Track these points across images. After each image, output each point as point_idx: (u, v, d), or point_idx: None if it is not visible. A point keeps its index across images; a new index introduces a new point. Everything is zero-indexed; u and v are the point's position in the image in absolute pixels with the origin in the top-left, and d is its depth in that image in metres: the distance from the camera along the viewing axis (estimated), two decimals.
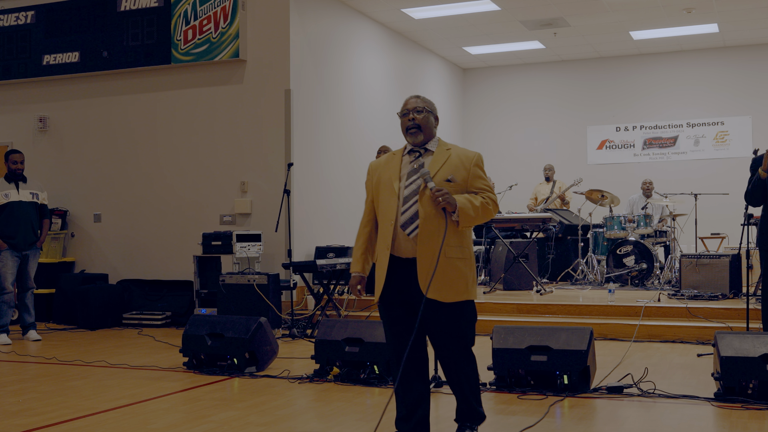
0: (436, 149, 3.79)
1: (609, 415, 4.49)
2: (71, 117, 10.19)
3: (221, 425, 4.32)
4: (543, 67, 14.13)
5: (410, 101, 3.84)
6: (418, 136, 3.77)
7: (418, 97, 3.86)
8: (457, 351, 3.75)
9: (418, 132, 3.77)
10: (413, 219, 3.66)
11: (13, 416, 4.59)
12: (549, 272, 10.68)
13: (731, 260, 8.37)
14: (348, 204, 10.03)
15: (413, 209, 3.66)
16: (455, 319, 3.71)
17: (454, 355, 3.76)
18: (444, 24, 11.55)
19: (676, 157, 13.32)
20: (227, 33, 9.19)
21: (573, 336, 5.02)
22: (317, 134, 9.72)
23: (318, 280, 8.05)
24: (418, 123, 3.76)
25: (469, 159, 3.75)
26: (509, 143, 14.16)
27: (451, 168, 3.71)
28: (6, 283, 7.65)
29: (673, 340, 7.13)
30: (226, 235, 8.62)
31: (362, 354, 5.41)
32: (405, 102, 3.86)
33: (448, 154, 3.76)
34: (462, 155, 3.77)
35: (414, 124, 3.77)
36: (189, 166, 9.57)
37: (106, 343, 7.62)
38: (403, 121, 3.82)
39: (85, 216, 10.05)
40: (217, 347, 5.91)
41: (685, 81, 13.32)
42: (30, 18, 10.20)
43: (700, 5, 10.73)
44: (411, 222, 3.66)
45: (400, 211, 3.69)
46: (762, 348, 4.63)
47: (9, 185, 7.85)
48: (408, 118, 3.79)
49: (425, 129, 3.78)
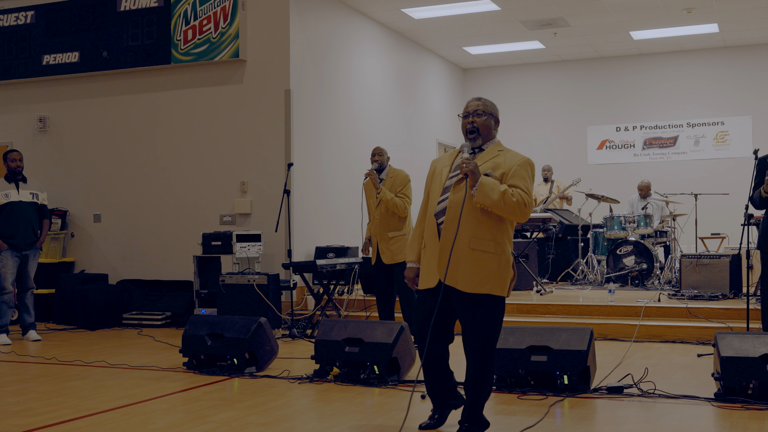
0: (488, 149, 3.86)
1: (609, 415, 4.48)
2: (71, 117, 10.18)
3: (221, 425, 4.32)
4: (543, 67, 14.13)
5: (471, 104, 3.89)
6: (477, 141, 3.85)
7: (479, 100, 3.90)
8: (475, 345, 3.76)
9: (477, 136, 3.84)
10: (445, 210, 3.74)
11: (13, 416, 4.58)
12: (549, 272, 10.67)
13: (731, 260, 8.37)
14: (348, 204, 10.03)
15: (446, 201, 3.74)
16: (473, 310, 3.72)
17: (472, 349, 3.79)
18: (444, 24, 11.55)
19: (677, 157, 13.32)
20: (227, 33, 9.19)
21: (573, 336, 5.02)
22: (317, 134, 9.72)
23: (318, 281, 8.04)
24: (477, 126, 3.83)
25: (514, 159, 3.78)
26: (509, 143, 13.85)
27: (494, 165, 3.75)
28: (6, 283, 7.65)
29: (674, 341, 7.12)
30: (226, 235, 8.62)
31: (362, 354, 5.40)
32: (466, 104, 3.92)
33: (499, 154, 3.83)
34: (510, 156, 3.80)
35: (473, 127, 3.83)
36: (189, 166, 9.57)
37: (106, 343, 7.61)
38: (463, 123, 3.89)
39: (85, 216, 10.05)
40: (217, 347, 5.91)
41: (685, 81, 13.32)
42: (30, 18, 10.20)
43: (700, 5, 10.72)
44: (443, 213, 3.76)
45: (438, 200, 3.79)
46: (762, 348, 4.63)
47: (9, 185, 7.85)
48: (468, 120, 3.85)
49: (484, 132, 3.85)
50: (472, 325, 3.75)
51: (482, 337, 3.76)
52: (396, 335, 5.34)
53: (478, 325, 3.74)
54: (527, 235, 10.37)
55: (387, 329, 5.41)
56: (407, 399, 4.86)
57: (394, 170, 6.96)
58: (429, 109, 13.03)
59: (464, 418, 3.88)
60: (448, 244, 3.70)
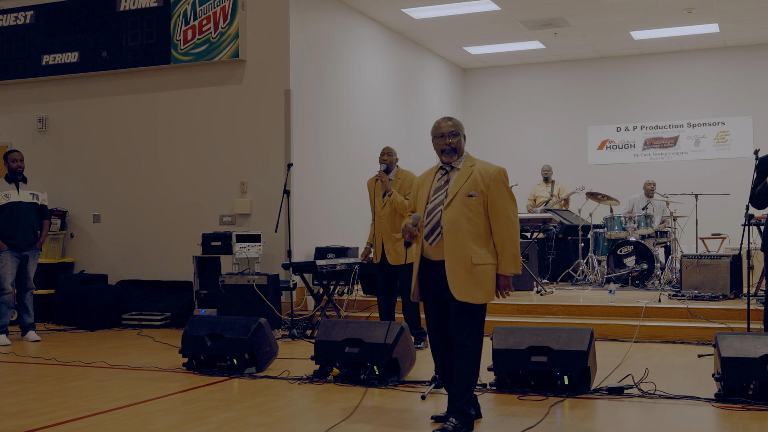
0: (461, 166, 4.21)
1: (609, 415, 4.48)
2: (70, 117, 10.18)
3: (221, 426, 4.31)
4: (543, 67, 14.12)
5: (443, 125, 4.24)
6: (452, 156, 4.21)
7: (450, 120, 4.25)
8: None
9: (453, 153, 4.21)
10: (434, 230, 4.12)
11: (13, 417, 4.57)
12: (549, 273, 10.67)
13: (732, 261, 8.35)
14: (348, 204, 10.02)
15: (434, 220, 4.13)
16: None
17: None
18: (444, 24, 11.54)
19: (677, 158, 13.31)
20: (227, 33, 9.18)
21: (573, 336, 5.01)
22: (317, 134, 9.71)
23: (318, 281, 8.04)
24: (454, 146, 4.19)
25: (489, 174, 4.14)
26: (509, 143, 14.15)
27: (472, 183, 4.12)
28: (5, 283, 7.64)
29: (674, 341, 7.11)
30: (226, 235, 8.61)
31: (362, 355, 5.39)
32: (437, 125, 4.26)
33: (471, 170, 4.17)
34: (483, 170, 4.16)
35: (450, 147, 4.19)
36: (188, 166, 9.56)
37: (106, 344, 7.61)
38: (437, 143, 4.25)
39: (85, 216, 10.04)
40: (217, 348, 5.90)
41: (685, 81, 13.31)
42: (29, 18, 10.19)
43: (700, 5, 10.71)
44: (432, 232, 4.13)
45: (424, 223, 4.18)
46: (763, 349, 4.62)
47: (9, 186, 7.84)
48: (445, 141, 4.21)
49: (459, 150, 4.22)
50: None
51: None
52: (396, 336, 5.33)
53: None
54: (528, 236, 10.36)
55: (387, 330, 5.40)
56: (407, 400, 4.86)
57: (402, 171, 6.90)
58: (429, 109, 13.02)
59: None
60: (454, 261, 4.15)
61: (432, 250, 4.14)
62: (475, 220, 4.08)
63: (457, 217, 4.07)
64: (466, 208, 4.08)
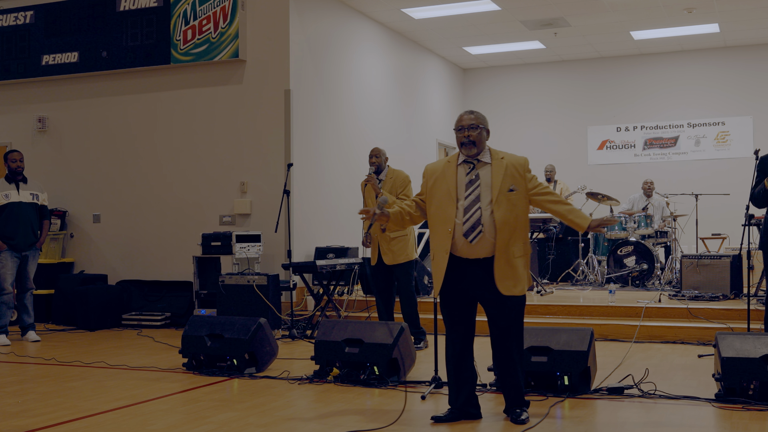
0: (491, 161, 4.26)
1: (609, 416, 4.47)
2: (70, 117, 10.17)
3: (221, 426, 4.31)
4: (543, 67, 14.11)
5: (465, 117, 4.29)
6: (471, 149, 4.25)
7: (472, 114, 4.30)
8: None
9: (473, 146, 4.25)
10: (474, 227, 4.16)
11: (13, 417, 4.57)
12: (549, 273, 10.67)
13: (732, 261, 8.35)
14: (348, 204, 10.01)
15: (474, 217, 4.16)
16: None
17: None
18: (444, 24, 11.54)
19: (677, 158, 13.30)
20: (227, 33, 9.17)
21: (573, 337, 5.01)
22: (317, 134, 9.71)
23: (318, 281, 8.03)
24: (473, 139, 4.23)
25: (521, 166, 4.29)
26: (509, 143, 14.09)
27: (511, 178, 4.23)
28: (5, 284, 7.64)
29: (674, 341, 7.11)
30: (226, 235, 8.61)
31: (362, 355, 5.39)
32: (459, 118, 4.31)
33: (503, 163, 4.26)
34: (515, 163, 4.28)
35: (470, 140, 4.23)
36: (188, 166, 9.55)
37: (106, 344, 7.60)
38: (457, 136, 4.29)
39: (85, 216, 10.03)
40: (217, 348, 5.90)
41: (685, 81, 13.30)
42: (29, 18, 10.19)
43: (700, 5, 10.71)
44: (472, 230, 4.16)
45: (462, 220, 4.18)
46: (763, 349, 4.62)
47: (9, 186, 7.84)
48: (464, 134, 4.25)
49: (478, 143, 4.25)
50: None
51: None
52: (396, 336, 5.33)
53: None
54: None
55: (387, 330, 5.40)
56: (407, 400, 4.85)
57: (393, 171, 6.93)
58: (429, 109, 13.01)
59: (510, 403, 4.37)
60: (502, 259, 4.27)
61: (469, 248, 4.17)
62: (517, 213, 4.21)
63: (505, 215, 4.16)
64: (510, 204, 4.19)
